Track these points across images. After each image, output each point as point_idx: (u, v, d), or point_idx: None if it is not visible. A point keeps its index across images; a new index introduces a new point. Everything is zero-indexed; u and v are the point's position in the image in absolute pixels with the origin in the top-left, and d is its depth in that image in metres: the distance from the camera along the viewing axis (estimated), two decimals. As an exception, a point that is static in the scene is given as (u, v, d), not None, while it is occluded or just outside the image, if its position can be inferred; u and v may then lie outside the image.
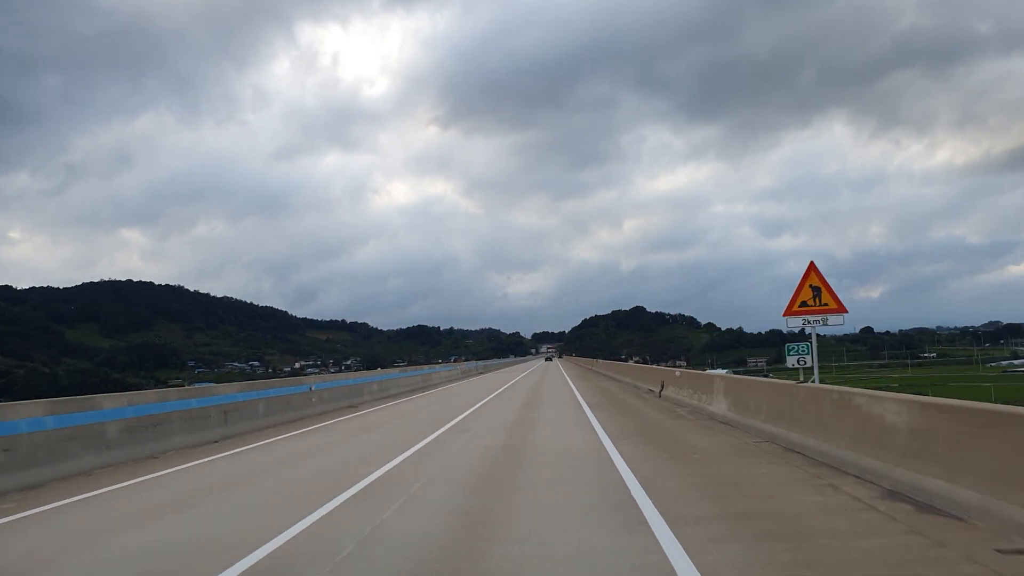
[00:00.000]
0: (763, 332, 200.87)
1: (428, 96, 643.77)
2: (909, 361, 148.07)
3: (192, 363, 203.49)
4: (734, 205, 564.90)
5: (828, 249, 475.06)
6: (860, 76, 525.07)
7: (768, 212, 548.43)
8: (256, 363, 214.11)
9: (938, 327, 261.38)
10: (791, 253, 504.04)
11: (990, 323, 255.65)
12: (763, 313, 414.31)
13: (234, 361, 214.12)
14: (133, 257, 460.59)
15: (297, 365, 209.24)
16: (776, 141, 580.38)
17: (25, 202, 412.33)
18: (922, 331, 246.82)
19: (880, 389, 10.27)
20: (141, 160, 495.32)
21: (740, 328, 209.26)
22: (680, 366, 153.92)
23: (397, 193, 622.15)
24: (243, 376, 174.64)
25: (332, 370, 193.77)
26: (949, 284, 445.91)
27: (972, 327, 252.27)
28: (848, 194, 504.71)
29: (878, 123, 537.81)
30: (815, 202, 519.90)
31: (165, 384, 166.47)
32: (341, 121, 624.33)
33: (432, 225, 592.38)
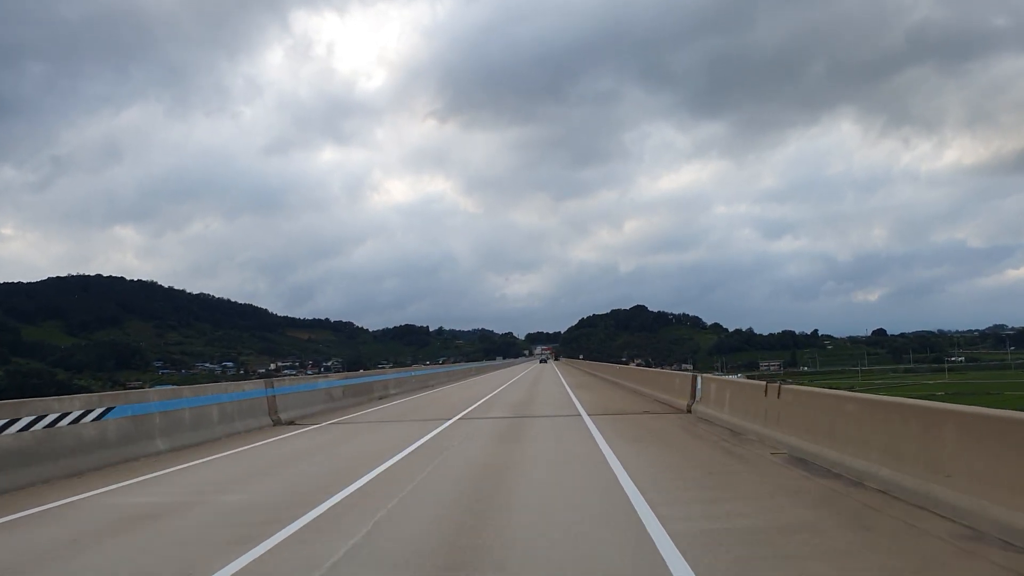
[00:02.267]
0: (775, 333, 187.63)
1: (427, 88, 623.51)
2: (946, 366, 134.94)
3: (159, 363, 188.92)
4: (736, 206, 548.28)
5: (829, 251, 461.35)
6: (871, 71, 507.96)
7: (770, 213, 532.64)
8: (229, 364, 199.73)
9: (939, 330, 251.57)
10: (792, 255, 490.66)
11: (996, 326, 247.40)
12: (763, 315, 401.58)
13: (206, 362, 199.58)
14: (128, 255, 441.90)
15: (273, 366, 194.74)
16: (782, 139, 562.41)
17: (10, 196, 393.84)
18: (933, 334, 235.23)
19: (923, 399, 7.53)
20: (130, 154, 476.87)
21: (750, 329, 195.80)
22: (686, 369, 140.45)
23: (394, 191, 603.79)
24: (210, 378, 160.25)
25: (310, 372, 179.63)
26: (948, 287, 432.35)
27: (977, 330, 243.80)
28: (852, 195, 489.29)
29: (887, 121, 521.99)
30: (818, 204, 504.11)
31: (123, 386, 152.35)
32: (336, 114, 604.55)
33: (430, 224, 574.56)
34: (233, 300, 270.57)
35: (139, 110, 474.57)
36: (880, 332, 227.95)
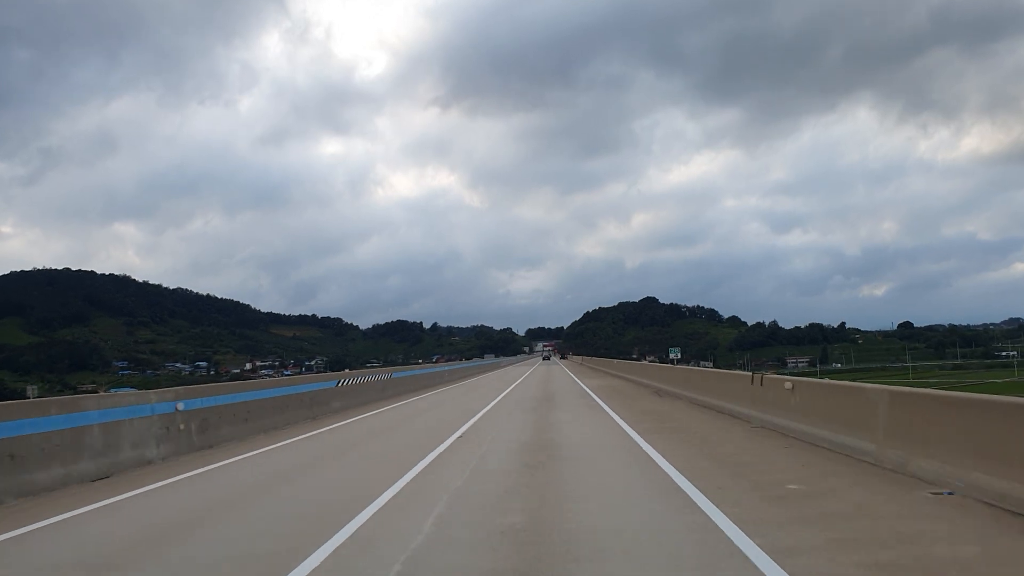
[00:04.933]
0: (801, 327, 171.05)
1: (429, 73, 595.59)
2: (1015, 361, 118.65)
3: (123, 363, 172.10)
4: (746, 199, 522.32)
5: (838, 245, 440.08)
6: (892, 54, 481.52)
7: (780, 207, 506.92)
8: (203, 364, 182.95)
9: (950, 324, 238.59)
10: (800, 250, 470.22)
11: (1012, 320, 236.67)
12: (768, 310, 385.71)
13: (177, 362, 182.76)
14: (127, 252, 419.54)
15: (248, 366, 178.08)
16: (796, 127, 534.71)
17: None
18: (969, 328, 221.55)
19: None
20: (123, 145, 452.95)
21: (775, 322, 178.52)
22: (705, 366, 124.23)
23: (398, 185, 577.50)
24: (174, 381, 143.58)
25: (288, 372, 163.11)
26: (957, 281, 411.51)
27: (993, 324, 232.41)
28: (864, 187, 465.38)
29: (905, 106, 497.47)
30: (830, 196, 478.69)
31: (73, 389, 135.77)
32: (334, 101, 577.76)
33: (434, 220, 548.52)
34: (214, 295, 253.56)
35: (131, 99, 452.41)
36: (906, 325, 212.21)
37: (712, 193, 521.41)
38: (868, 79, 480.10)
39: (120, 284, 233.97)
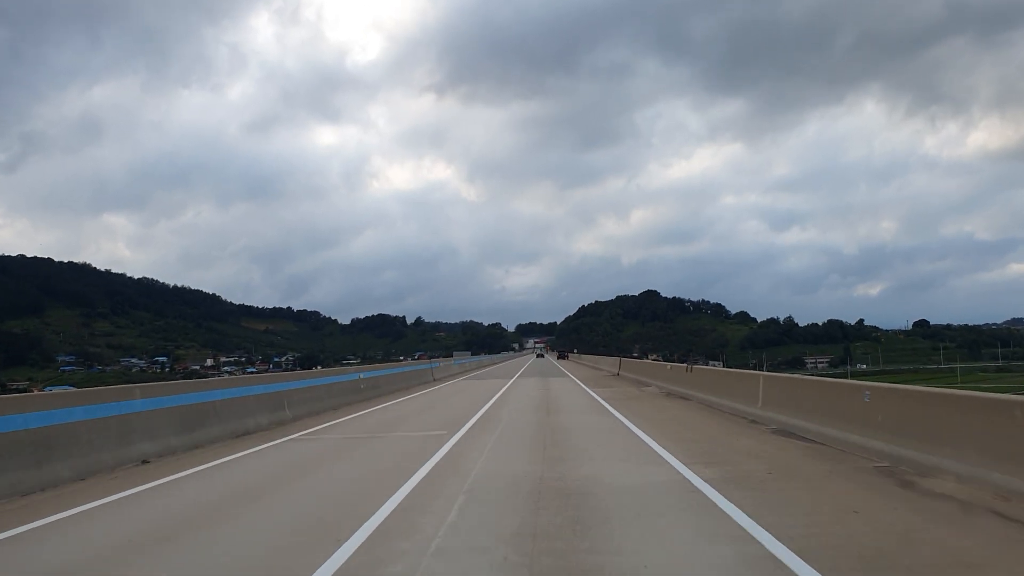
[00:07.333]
0: (818, 324, 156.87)
1: (426, 58, 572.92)
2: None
3: (70, 358, 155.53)
4: (747, 195, 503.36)
5: (836, 244, 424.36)
6: (904, 43, 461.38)
7: (781, 203, 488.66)
8: (163, 359, 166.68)
9: (948, 324, 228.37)
10: (798, 248, 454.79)
11: (1014, 320, 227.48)
12: (766, 308, 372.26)
13: (133, 356, 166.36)
14: (117, 243, 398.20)
15: (210, 362, 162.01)
16: (800, 119, 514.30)
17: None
18: (982, 327, 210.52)
19: None
20: (109, 131, 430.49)
21: (790, 318, 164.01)
22: (713, 366, 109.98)
23: (393, 175, 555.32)
24: (121, 378, 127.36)
25: (251, 370, 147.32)
26: (952, 281, 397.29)
27: (994, 324, 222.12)
28: (867, 184, 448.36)
29: (913, 100, 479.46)
30: (831, 194, 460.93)
31: (3, 387, 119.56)
32: (326, 87, 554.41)
33: (430, 213, 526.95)
34: (186, 287, 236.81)
35: (115, 83, 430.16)
36: (922, 323, 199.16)
37: (712, 189, 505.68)
38: (878, 70, 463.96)
39: (79, 272, 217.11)
